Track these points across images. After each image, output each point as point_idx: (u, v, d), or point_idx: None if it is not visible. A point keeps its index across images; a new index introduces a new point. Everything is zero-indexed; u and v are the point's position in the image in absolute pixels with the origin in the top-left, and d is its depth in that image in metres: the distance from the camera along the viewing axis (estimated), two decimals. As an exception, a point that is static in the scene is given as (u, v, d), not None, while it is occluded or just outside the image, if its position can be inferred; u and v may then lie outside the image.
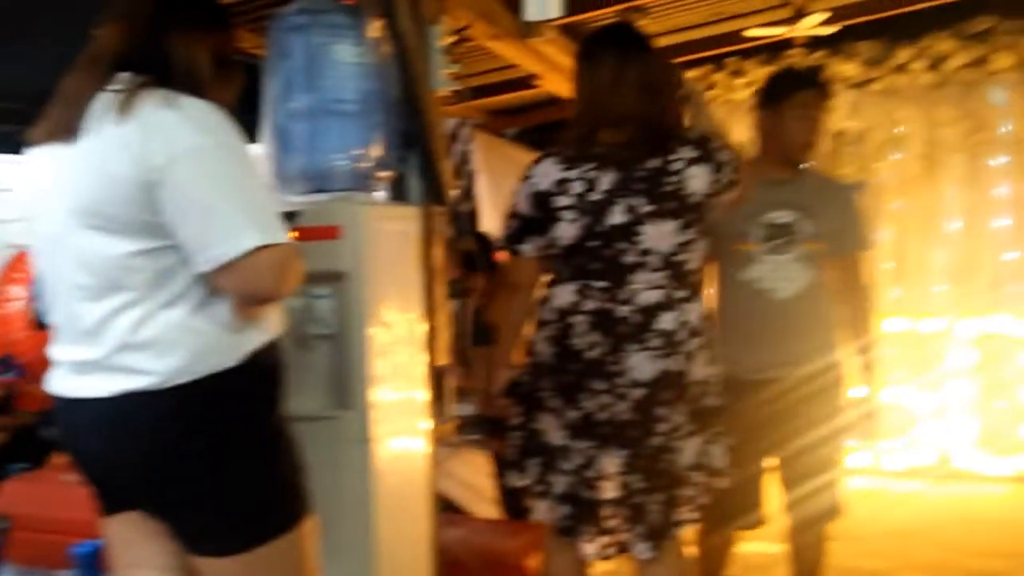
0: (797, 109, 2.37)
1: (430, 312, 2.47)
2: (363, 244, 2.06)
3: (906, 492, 4.18)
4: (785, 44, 4.37)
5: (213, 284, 1.40)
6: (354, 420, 2.16)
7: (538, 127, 4.96)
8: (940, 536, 3.55)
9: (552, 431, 2.00)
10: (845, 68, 4.41)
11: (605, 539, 1.97)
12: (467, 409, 5.26)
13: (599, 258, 1.91)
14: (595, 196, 1.91)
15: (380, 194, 2.29)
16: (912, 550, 3.37)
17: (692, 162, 1.88)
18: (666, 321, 1.88)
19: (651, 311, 1.88)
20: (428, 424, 2.52)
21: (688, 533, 2.08)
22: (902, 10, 3.94)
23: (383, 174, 2.23)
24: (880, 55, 4.40)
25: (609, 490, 1.94)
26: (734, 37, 4.04)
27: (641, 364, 1.87)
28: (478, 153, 4.90)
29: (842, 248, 2.41)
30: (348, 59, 2.04)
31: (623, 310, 1.88)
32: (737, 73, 4.57)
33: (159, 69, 1.41)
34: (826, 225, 2.36)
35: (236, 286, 1.40)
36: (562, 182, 1.95)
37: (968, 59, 4.23)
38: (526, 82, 3.90)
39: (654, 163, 1.88)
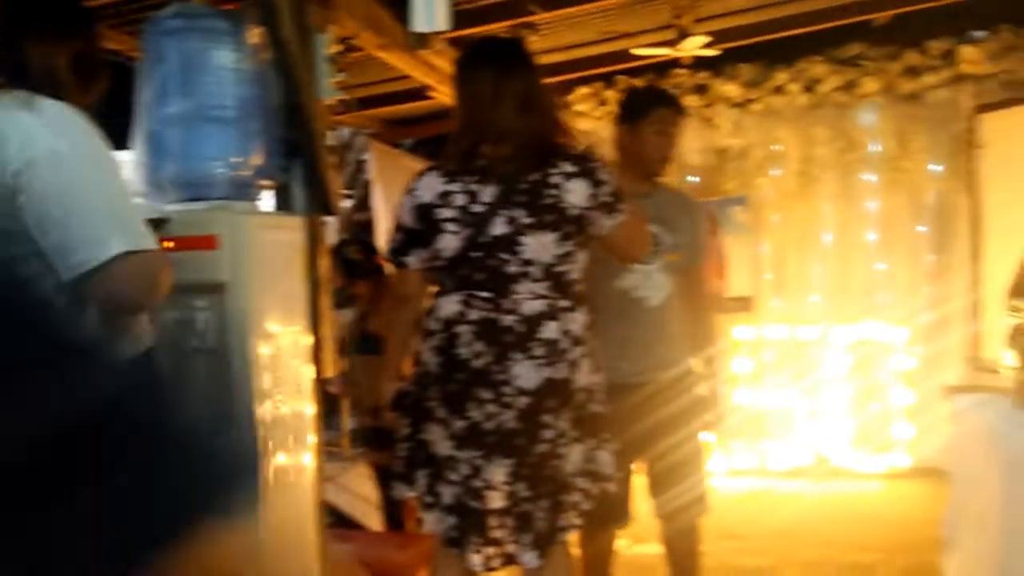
0: (655, 125, 2.45)
1: (315, 324, 2.44)
2: (243, 254, 2.02)
3: (788, 491, 4.37)
4: (672, 64, 4.55)
5: (79, 293, 1.35)
6: (238, 435, 2.10)
7: (434, 138, 4.97)
8: (819, 533, 3.73)
9: (439, 441, 2.00)
10: (727, 88, 4.62)
11: (491, 550, 1.96)
12: (359, 422, 5.20)
13: (482, 269, 1.93)
14: (477, 208, 1.93)
15: (262, 203, 2.25)
16: (792, 548, 3.52)
17: (570, 176, 1.92)
18: (549, 330, 1.90)
19: (535, 320, 1.90)
20: (315, 438, 2.48)
21: (572, 538, 2.11)
22: (777, 35, 4.17)
23: (265, 183, 2.20)
24: (759, 77, 4.63)
25: (495, 500, 1.94)
26: (623, 56, 4.17)
27: (526, 373, 1.89)
28: (373, 163, 4.87)
29: (692, 259, 2.55)
30: (226, 65, 2.00)
31: (507, 320, 1.90)
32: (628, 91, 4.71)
33: (17, 73, 1.36)
34: (681, 237, 2.48)
35: (102, 294, 1.34)
36: (445, 195, 1.97)
37: (840, 83, 4.51)
38: (421, 93, 3.92)
39: (534, 176, 1.91)
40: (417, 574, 2.61)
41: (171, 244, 1.92)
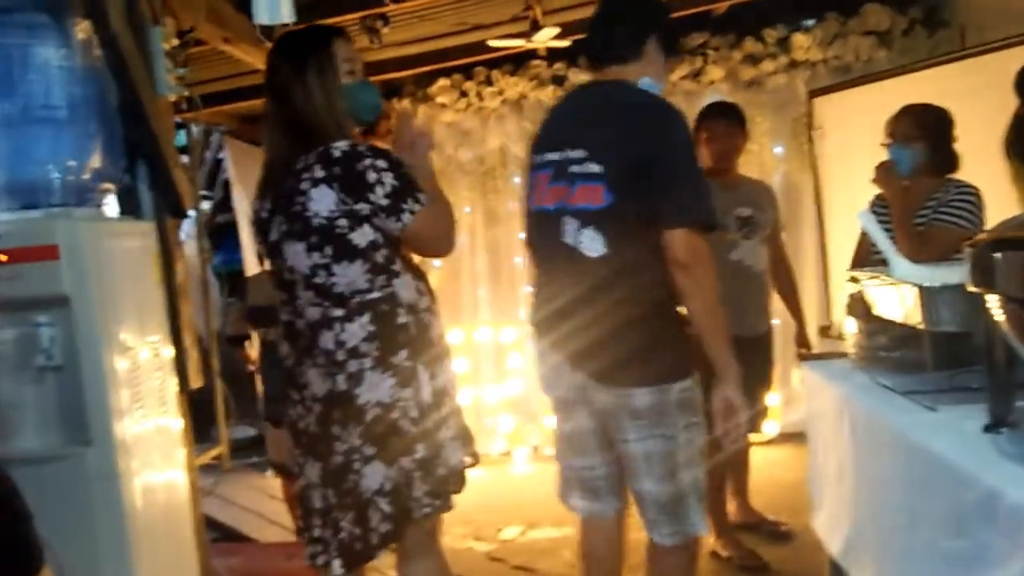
0: (705, 133, 3.06)
1: (176, 333, 2.32)
2: (87, 264, 1.89)
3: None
4: (530, 55, 4.61)
5: None
6: (96, 456, 1.97)
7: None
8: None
9: (289, 435, 2.01)
10: (583, 78, 4.70)
11: (316, 547, 1.92)
12: (242, 431, 5.01)
13: (275, 275, 1.93)
14: (264, 214, 1.90)
15: (105, 208, 2.11)
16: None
17: (318, 182, 1.76)
18: (326, 340, 1.81)
19: (315, 328, 1.83)
20: (185, 452, 2.37)
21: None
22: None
23: (107, 186, 2.07)
24: (613, 66, 4.77)
25: (315, 500, 1.91)
26: (481, 47, 4.19)
27: (314, 380, 1.84)
28: (231, 162, 4.68)
29: (776, 234, 3.25)
30: (52, 61, 1.86)
31: (299, 324, 1.86)
32: (487, 82, 4.75)
33: None
34: (768, 217, 3.11)
35: None
36: (254, 200, 1.96)
37: (686, 71, 4.69)
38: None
39: (290, 183, 1.80)
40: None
41: (4, 257, 1.78)
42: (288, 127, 1.84)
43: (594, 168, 1.79)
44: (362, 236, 1.78)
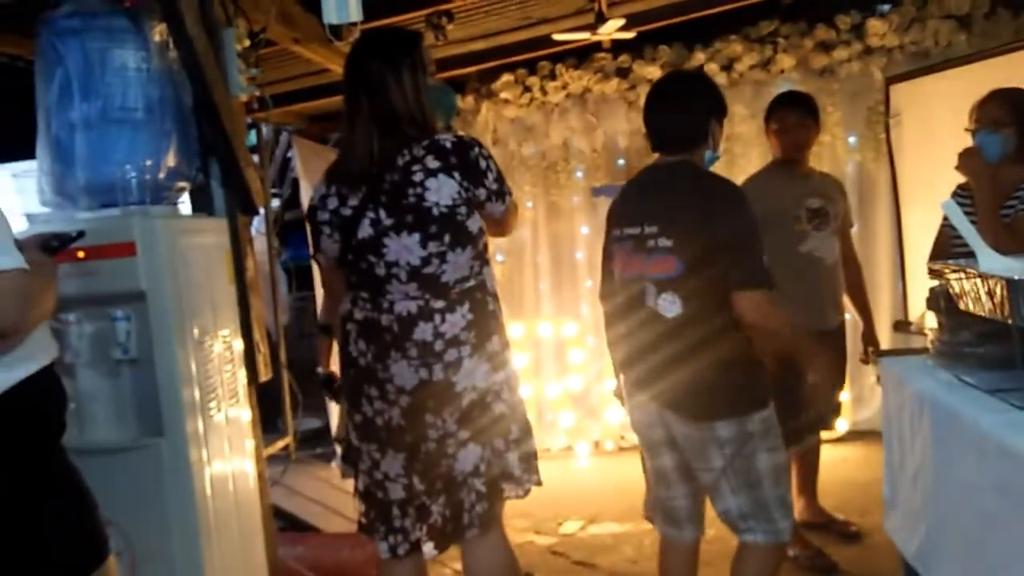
0: (776, 124, 3.03)
1: (246, 327, 2.38)
2: (162, 260, 1.95)
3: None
4: (595, 48, 4.57)
5: None
6: (169, 447, 2.04)
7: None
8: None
9: (350, 432, 2.03)
10: (649, 70, 4.65)
11: (396, 538, 1.97)
12: (309, 423, 5.11)
13: (356, 270, 1.92)
14: (346, 211, 1.88)
15: (180, 206, 2.18)
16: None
17: (433, 172, 1.82)
18: (422, 331, 1.85)
19: (408, 321, 1.85)
20: (254, 443, 2.43)
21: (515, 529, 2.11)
22: (688, 17, 4.22)
23: (181, 185, 2.13)
24: (679, 58, 4.67)
25: (395, 491, 1.95)
26: (546, 41, 4.17)
27: (403, 372, 1.86)
28: (299, 160, 4.77)
29: (846, 227, 3.17)
30: (131, 64, 1.92)
31: (385, 319, 1.87)
32: (550, 76, 4.72)
33: None
34: (839, 209, 3.06)
35: None
36: (324, 197, 1.94)
37: (756, 60, 4.58)
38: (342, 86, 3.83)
39: (396, 176, 1.84)
40: (371, 574, 2.57)
41: (83, 254, 1.84)
42: (380, 123, 1.86)
43: (666, 243, 2.00)
44: (475, 223, 1.89)
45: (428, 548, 1.95)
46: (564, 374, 4.75)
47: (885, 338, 3.62)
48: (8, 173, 2.29)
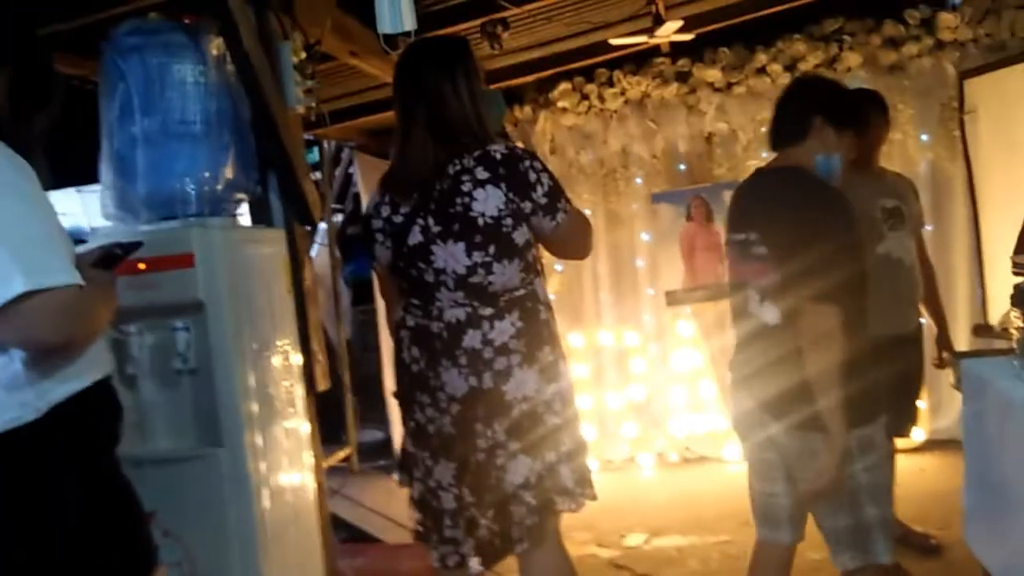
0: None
1: (305, 338, 2.39)
2: (220, 271, 1.97)
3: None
4: (653, 52, 4.50)
5: None
6: (228, 457, 2.05)
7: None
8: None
9: (405, 438, 2.01)
10: (709, 73, 4.56)
11: (447, 548, 1.93)
12: (370, 435, 5.13)
13: (407, 278, 1.89)
14: (397, 218, 1.88)
15: (238, 218, 2.20)
16: (812, 527, 3.45)
17: (481, 183, 1.80)
18: (471, 339, 1.83)
19: (457, 329, 1.84)
20: (313, 455, 2.43)
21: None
22: (748, 16, 4.12)
23: (239, 197, 2.15)
24: (740, 60, 4.56)
25: (447, 500, 1.90)
26: (602, 47, 4.13)
27: (453, 380, 1.84)
28: (360, 175, 4.83)
29: (919, 227, 3.07)
30: (189, 79, 1.96)
31: (435, 327, 1.86)
32: (608, 83, 4.67)
33: None
34: (913, 210, 2.99)
35: (8, 336, 1.26)
36: (377, 205, 1.94)
37: (821, 59, 4.44)
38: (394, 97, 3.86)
39: (445, 184, 1.82)
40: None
41: (143, 266, 1.88)
42: (434, 131, 1.85)
43: (762, 250, 1.97)
44: (521, 235, 1.84)
45: (474, 563, 1.91)
46: (625, 384, 4.66)
47: (963, 344, 3.45)
48: (72, 190, 2.35)
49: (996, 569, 1.82)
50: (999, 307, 3.86)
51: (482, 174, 1.80)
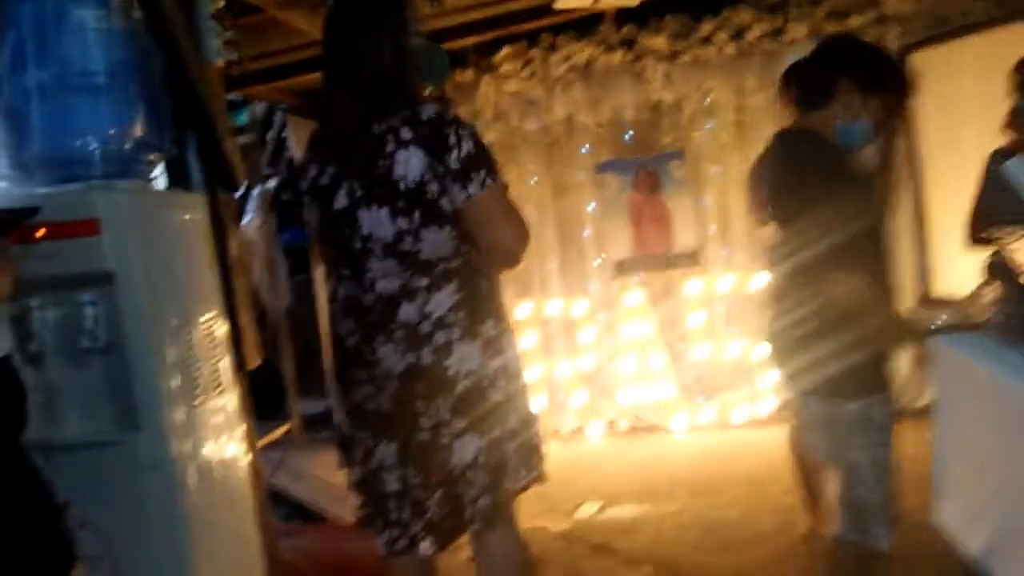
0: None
1: (231, 310, 2.23)
2: (130, 238, 1.80)
3: (752, 442, 4.27)
4: (597, 19, 4.39)
5: None
6: (147, 442, 1.89)
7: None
8: (790, 478, 3.65)
9: (341, 420, 1.89)
10: (655, 41, 4.47)
11: (394, 531, 1.84)
12: (311, 406, 4.99)
13: (335, 244, 1.77)
14: (324, 180, 1.76)
15: (152, 181, 2.02)
16: (763, 495, 3.44)
17: (404, 144, 1.69)
18: (407, 312, 1.73)
19: (391, 301, 1.74)
20: (245, 432, 2.29)
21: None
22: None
23: (153, 158, 1.97)
24: (686, 28, 4.49)
25: (391, 483, 1.82)
26: (545, 11, 4.00)
27: (390, 356, 1.75)
28: (295, 139, 4.61)
29: None
30: (90, 24, 1.76)
31: (368, 299, 1.75)
32: (552, 48, 4.54)
33: None
34: None
35: None
36: (305, 165, 1.82)
37: (767, 29, 4.40)
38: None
39: (369, 146, 1.72)
40: (377, 566, 2.44)
41: (42, 232, 1.69)
42: (359, 89, 1.73)
43: (778, 213, 2.00)
44: (449, 201, 1.71)
45: (425, 545, 1.82)
46: (574, 353, 4.61)
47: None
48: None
49: (977, 549, 1.78)
50: (942, 279, 3.90)
51: (406, 134, 1.69)
